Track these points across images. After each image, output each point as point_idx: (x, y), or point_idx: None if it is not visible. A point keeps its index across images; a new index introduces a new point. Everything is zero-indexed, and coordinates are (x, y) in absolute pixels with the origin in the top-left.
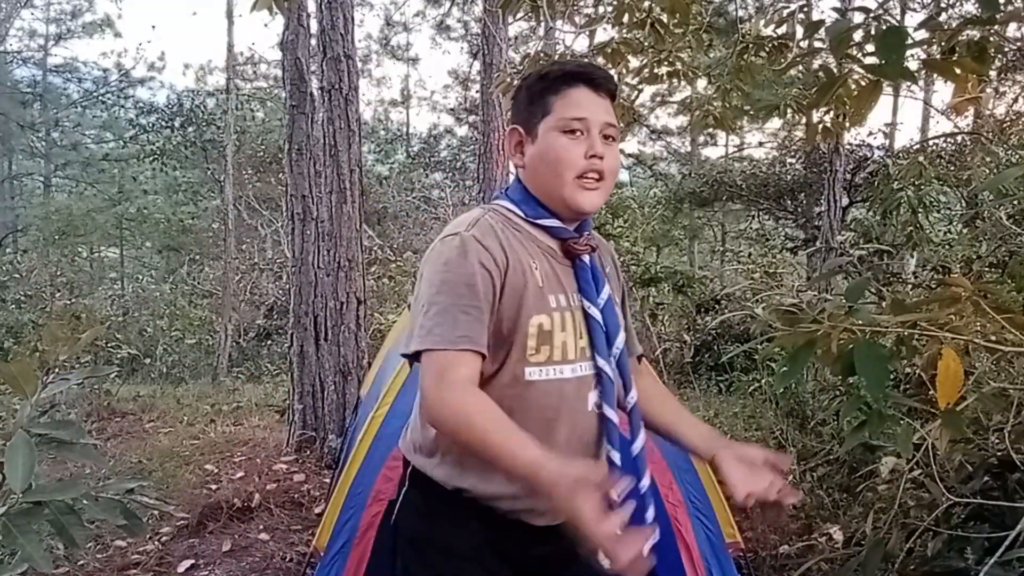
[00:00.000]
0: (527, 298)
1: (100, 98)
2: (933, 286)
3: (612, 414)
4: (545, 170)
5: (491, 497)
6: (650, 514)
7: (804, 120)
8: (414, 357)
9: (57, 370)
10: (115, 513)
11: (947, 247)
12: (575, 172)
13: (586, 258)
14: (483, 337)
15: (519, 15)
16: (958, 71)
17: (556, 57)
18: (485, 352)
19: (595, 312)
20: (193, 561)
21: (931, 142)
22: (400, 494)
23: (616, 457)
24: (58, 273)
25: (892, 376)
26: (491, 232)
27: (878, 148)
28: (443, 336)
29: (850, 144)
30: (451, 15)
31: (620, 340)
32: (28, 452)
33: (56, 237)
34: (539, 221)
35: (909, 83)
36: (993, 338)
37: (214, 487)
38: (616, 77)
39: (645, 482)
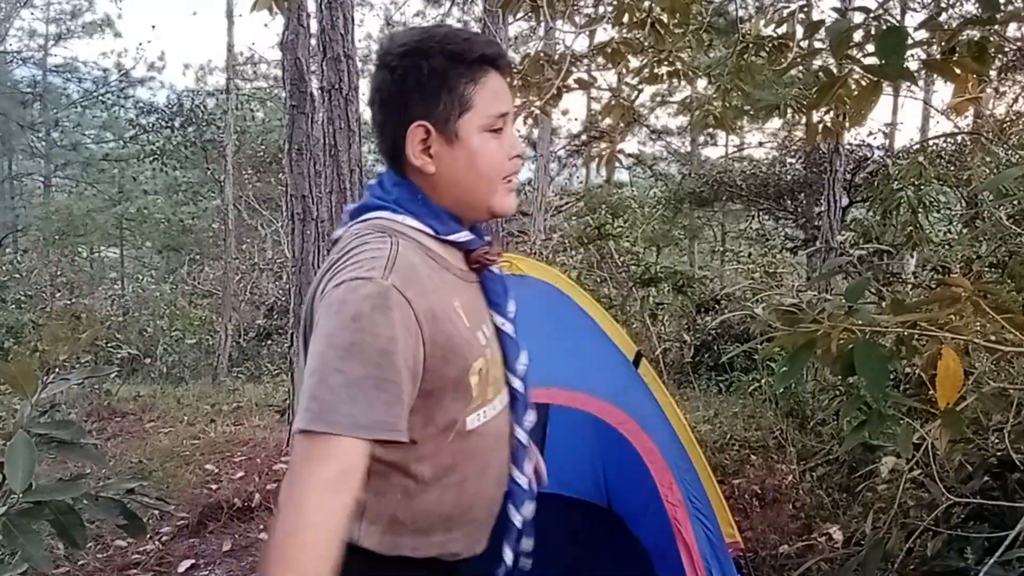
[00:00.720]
0: (462, 347)
1: (100, 98)
2: (933, 286)
3: (523, 436)
4: (474, 178)
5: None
6: (530, 543)
7: (804, 120)
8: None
9: (57, 370)
10: (115, 513)
11: (947, 247)
12: (503, 175)
13: (495, 269)
14: (403, 420)
15: (519, 15)
16: (958, 71)
17: (556, 57)
18: (405, 439)
19: (509, 328)
20: (193, 561)
21: (931, 142)
22: None
23: (523, 482)
24: (58, 273)
25: (892, 376)
26: (413, 275)
27: (878, 148)
28: (353, 420)
29: (850, 144)
30: (451, 15)
31: (524, 357)
32: (28, 452)
33: (56, 237)
34: (451, 238)
35: (909, 83)
36: (993, 338)
37: (214, 487)
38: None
39: (531, 508)
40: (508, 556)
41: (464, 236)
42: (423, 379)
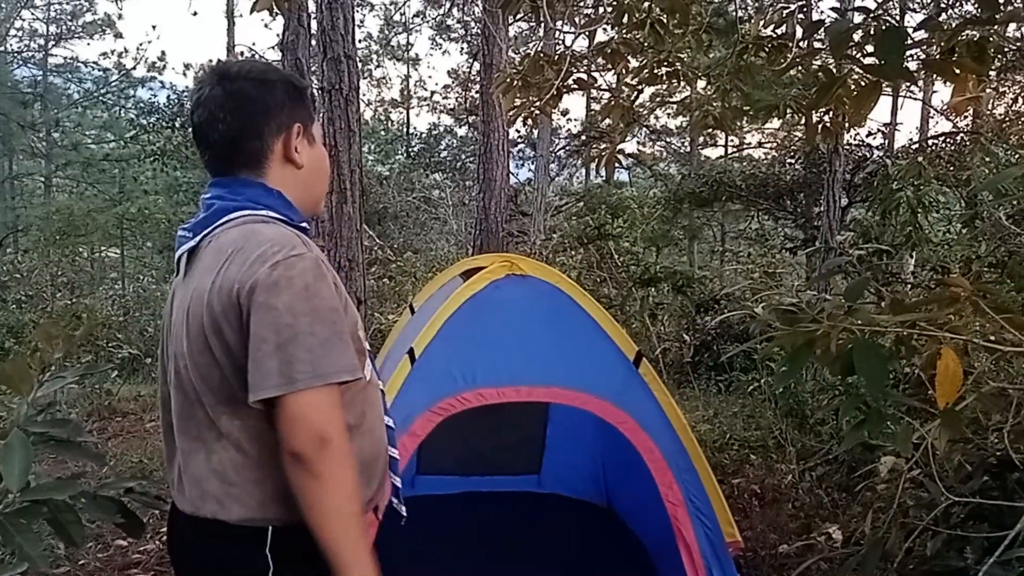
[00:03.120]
0: (349, 303)
1: (101, 98)
2: (932, 286)
3: (380, 384)
4: (319, 177)
5: None
6: (397, 480)
7: (804, 120)
8: (268, 401)
9: (54, 368)
10: (112, 512)
11: (946, 247)
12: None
13: None
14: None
15: (519, 15)
16: (958, 71)
17: (556, 58)
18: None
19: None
20: None
21: (930, 142)
22: None
23: (390, 422)
24: (59, 273)
25: (891, 376)
26: (316, 249)
27: (877, 148)
28: (340, 366)
29: (849, 144)
30: (451, 15)
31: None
32: (24, 451)
33: (57, 237)
34: (303, 224)
35: (908, 83)
36: (992, 338)
37: None
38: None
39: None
40: (397, 481)
41: (307, 225)
42: None
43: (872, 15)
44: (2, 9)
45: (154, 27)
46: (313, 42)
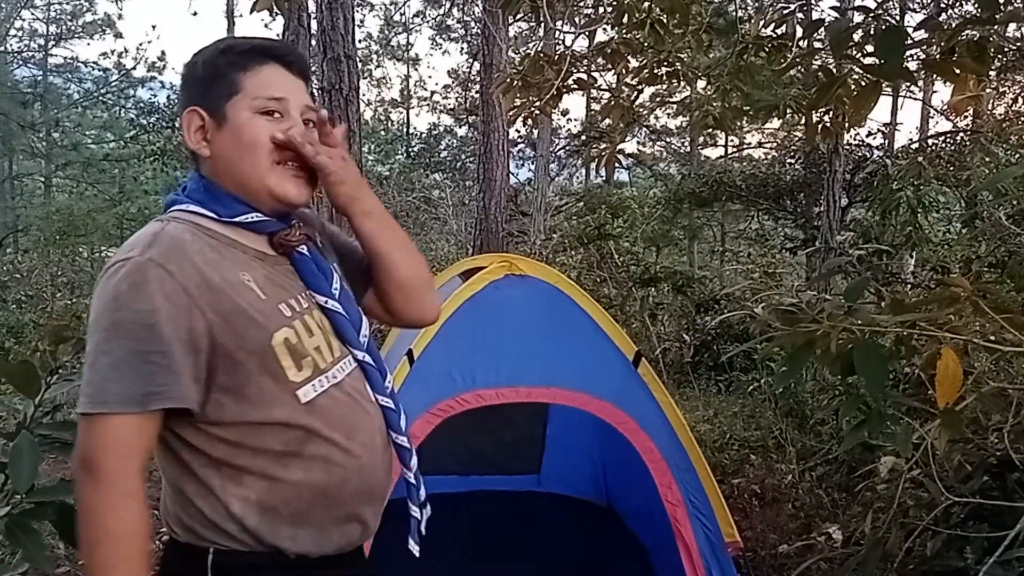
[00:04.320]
0: (255, 317)
1: (101, 98)
2: (932, 286)
3: (388, 402)
4: (240, 157)
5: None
6: (422, 494)
7: (804, 120)
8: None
9: (60, 370)
10: None
11: (946, 247)
12: (276, 157)
13: (304, 249)
14: (185, 388)
15: (519, 15)
16: (958, 71)
17: (556, 58)
18: (192, 406)
19: (334, 305)
20: None
21: (930, 142)
22: None
23: (403, 440)
24: (59, 273)
25: (891, 376)
26: (178, 250)
27: (877, 148)
28: (126, 395)
29: (849, 144)
30: (451, 15)
31: (366, 326)
32: (32, 453)
33: (57, 237)
34: (238, 219)
35: (908, 83)
36: (992, 338)
37: None
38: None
39: (415, 461)
40: (414, 511)
41: (252, 218)
42: (216, 350)
43: (872, 15)
44: (2, 9)
45: (154, 27)
46: (313, 42)
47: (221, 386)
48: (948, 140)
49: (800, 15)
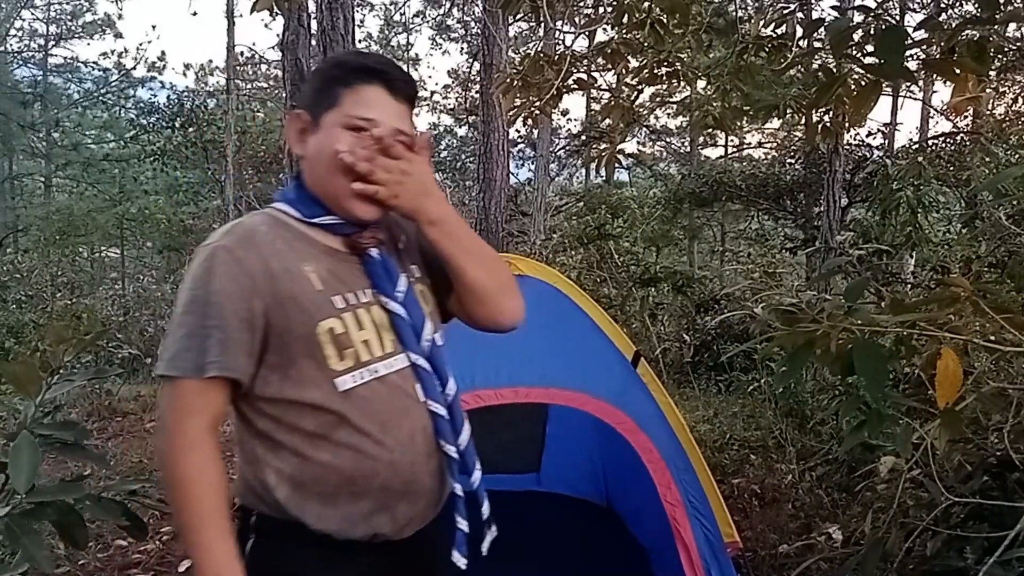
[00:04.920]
0: (305, 305)
1: (101, 98)
2: (932, 286)
3: (438, 408)
4: (322, 166)
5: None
6: (485, 508)
7: (804, 120)
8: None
9: (61, 371)
10: (117, 514)
11: (946, 247)
12: (343, 166)
13: (374, 252)
14: (236, 360)
15: (519, 15)
16: (958, 71)
17: (556, 58)
18: (240, 377)
19: (395, 307)
20: None
21: (930, 142)
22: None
23: (452, 451)
24: (59, 273)
25: (891, 376)
26: (249, 240)
27: (877, 148)
28: (189, 363)
29: (849, 144)
30: (451, 15)
31: (428, 331)
32: (32, 453)
33: (57, 237)
34: (315, 220)
35: (908, 83)
36: (992, 338)
37: None
38: (616, 77)
39: (476, 476)
40: (462, 524)
41: (327, 219)
42: (270, 330)
43: (872, 15)
44: (2, 9)
45: (154, 27)
46: (313, 42)
47: (269, 363)
48: (948, 140)
49: (800, 15)
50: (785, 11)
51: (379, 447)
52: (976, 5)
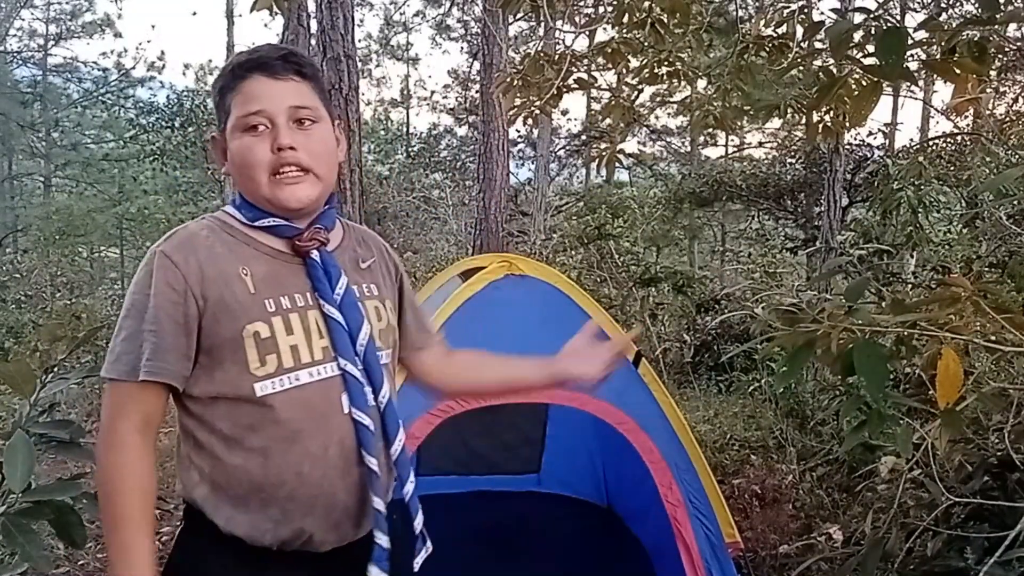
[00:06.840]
0: (235, 309)
1: (100, 98)
2: (933, 286)
3: (364, 418)
4: (240, 175)
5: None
6: (418, 521)
7: (804, 120)
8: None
9: (56, 369)
10: None
11: (947, 247)
12: (267, 171)
13: (315, 254)
14: (168, 365)
15: (519, 15)
16: (958, 71)
17: (556, 57)
18: (171, 381)
19: (331, 310)
20: None
21: (931, 142)
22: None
23: (373, 464)
24: (58, 273)
25: (892, 376)
26: (187, 244)
27: (878, 148)
28: (127, 366)
29: (850, 144)
30: (451, 15)
31: (364, 336)
32: (27, 452)
33: (56, 237)
34: (258, 223)
35: (909, 83)
36: (993, 338)
37: None
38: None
39: (409, 488)
40: (381, 539)
41: (269, 221)
42: (202, 333)
43: (872, 15)
44: (2, 9)
45: (153, 27)
46: (313, 42)
47: (201, 364)
48: (949, 140)
49: (801, 15)
50: (786, 11)
51: (287, 456)
52: (976, 5)
